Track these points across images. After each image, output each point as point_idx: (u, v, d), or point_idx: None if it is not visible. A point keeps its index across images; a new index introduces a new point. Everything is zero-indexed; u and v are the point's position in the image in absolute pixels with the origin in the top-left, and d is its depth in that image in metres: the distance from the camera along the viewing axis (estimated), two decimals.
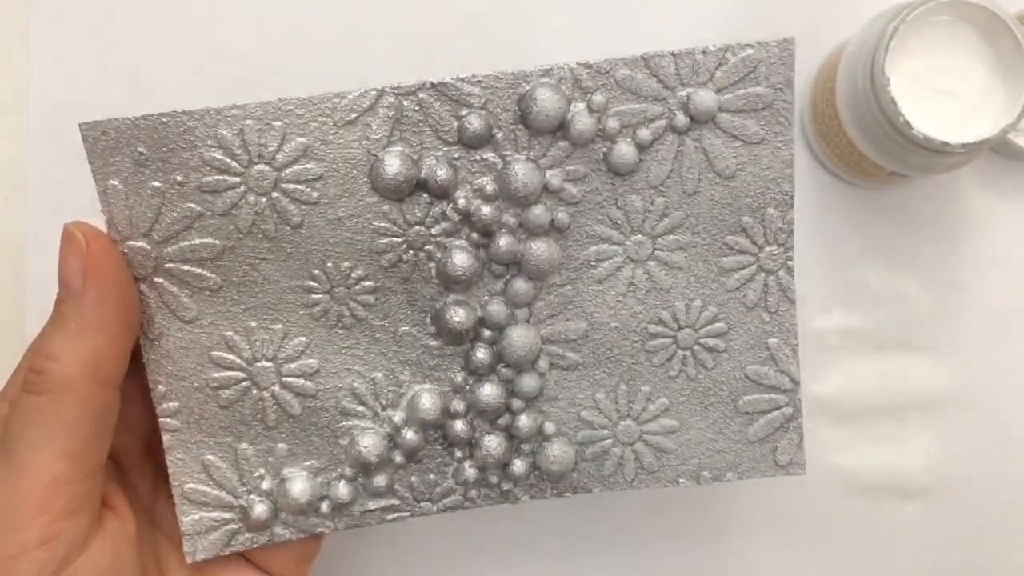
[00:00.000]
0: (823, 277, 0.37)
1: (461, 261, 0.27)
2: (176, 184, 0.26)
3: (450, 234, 0.27)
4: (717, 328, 0.29)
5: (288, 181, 0.26)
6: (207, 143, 0.26)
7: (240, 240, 0.27)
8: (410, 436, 0.29)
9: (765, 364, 0.29)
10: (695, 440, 0.30)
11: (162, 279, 0.27)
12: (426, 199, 0.27)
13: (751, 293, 0.29)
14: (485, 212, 0.27)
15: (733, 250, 0.28)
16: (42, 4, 0.36)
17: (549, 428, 0.29)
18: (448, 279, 0.27)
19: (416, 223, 0.27)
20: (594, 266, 0.28)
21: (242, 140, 0.26)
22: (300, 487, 0.29)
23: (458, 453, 0.29)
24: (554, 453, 0.29)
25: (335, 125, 0.26)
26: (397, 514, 0.29)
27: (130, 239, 0.26)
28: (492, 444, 0.29)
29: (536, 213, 0.27)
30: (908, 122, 0.30)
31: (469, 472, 0.29)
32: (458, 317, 0.28)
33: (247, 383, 0.28)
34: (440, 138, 0.26)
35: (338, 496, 0.29)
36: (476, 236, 0.27)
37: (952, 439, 0.37)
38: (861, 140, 0.33)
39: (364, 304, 0.28)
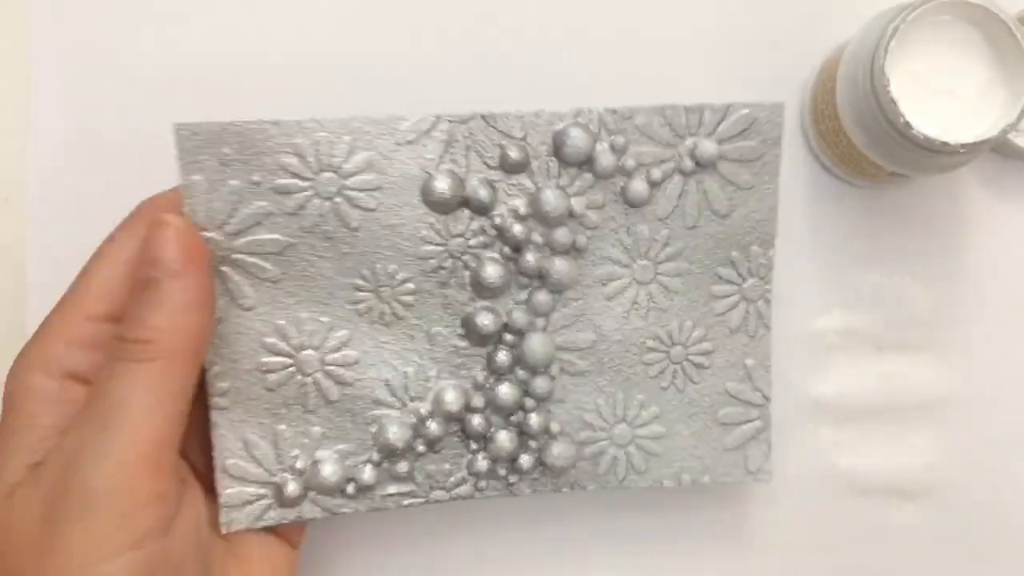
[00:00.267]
0: (823, 277, 0.37)
1: (493, 271, 0.31)
2: (252, 184, 0.29)
3: (485, 247, 0.31)
4: (704, 347, 0.33)
5: (351, 189, 0.30)
6: (284, 150, 0.29)
7: (302, 238, 0.30)
8: (433, 427, 0.32)
9: (742, 382, 0.34)
10: (679, 446, 0.34)
11: (229, 268, 0.30)
12: (467, 214, 0.31)
13: (734, 318, 0.33)
14: (517, 230, 0.31)
15: (722, 280, 0.33)
16: (42, 3, 0.36)
17: (555, 427, 0.33)
18: (480, 287, 0.31)
19: (457, 235, 0.31)
20: (605, 284, 0.32)
21: (315, 150, 0.29)
22: (331, 468, 0.32)
23: (473, 445, 0.32)
24: (558, 450, 0.33)
25: (396, 144, 0.30)
26: (413, 500, 0.32)
27: (205, 230, 0.29)
28: (504, 439, 0.32)
29: (560, 234, 0.31)
30: (908, 122, 0.30)
31: (481, 463, 0.33)
32: (486, 321, 0.31)
33: (292, 369, 0.31)
34: (484, 162, 0.31)
35: (363, 479, 0.32)
36: (507, 250, 0.31)
37: (952, 439, 0.37)
38: (861, 140, 0.33)
39: (404, 304, 0.31)
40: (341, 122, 0.30)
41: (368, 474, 0.32)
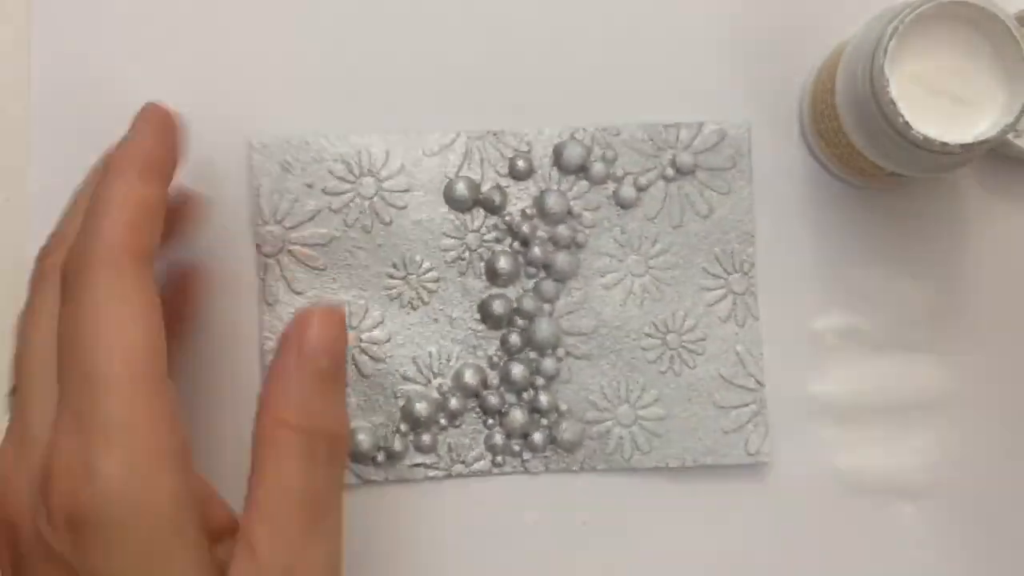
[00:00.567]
0: (822, 277, 0.38)
1: (504, 263, 0.37)
2: (306, 186, 0.36)
3: (497, 241, 0.37)
4: (696, 335, 0.37)
5: (386, 190, 0.36)
6: (333, 159, 0.36)
7: (345, 232, 0.36)
8: (454, 402, 0.36)
9: (735, 367, 0.37)
10: (680, 428, 0.37)
11: (286, 257, 0.36)
12: (483, 213, 0.37)
13: (722, 309, 0.37)
14: (525, 227, 0.37)
15: (709, 274, 0.37)
16: (43, 3, 0.37)
17: (563, 406, 0.37)
18: (494, 276, 0.37)
19: (473, 231, 0.37)
20: (603, 276, 0.37)
21: (358, 159, 0.36)
22: (364, 437, 0.36)
23: (490, 420, 0.37)
24: (566, 424, 0.36)
25: (423, 154, 0.37)
26: (436, 472, 0.36)
27: (268, 224, 0.36)
28: (517, 414, 0.36)
29: (562, 230, 0.37)
30: (908, 123, 0.31)
31: (498, 438, 0.36)
32: (499, 307, 0.37)
33: None
34: (496, 171, 0.37)
35: (392, 448, 0.36)
36: (517, 244, 0.37)
37: (951, 439, 0.37)
38: (861, 141, 0.34)
39: (428, 290, 0.37)
40: (380, 136, 0.37)
41: (397, 443, 0.36)
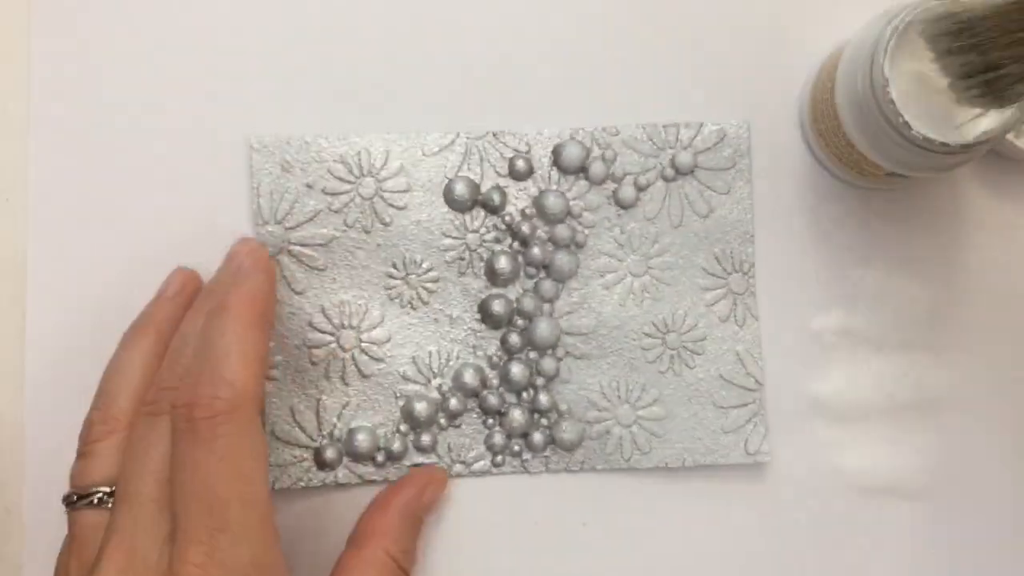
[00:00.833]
0: (822, 277, 0.38)
1: (504, 263, 0.37)
2: (306, 186, 0.36)
3: (497, 241, 0.37)
4: (696, 335, 0.37)
5: (386, 191, 0.36)
6: (333, 158, 0.36)
7: (345, 232, 0.36)
8: (454, 402, 0.36)
9: (734, 367, 0.37)
10: (680, 428, 0.37)
11: (286, 258, 0.36)
12: (482, 214, 0.37)
13: (722, 309, 0.37)
14: (524, 227, 0.37)
15: (708, 273, 0.37)
16: (43, 3, 0.37)
17: (563, 406, 0.37)
18: (493, 276, 0.37)
19: (473, 231, 0.37)
20: (602, 275, 0.37)
21: (357, 159, 0.36)
22: (363, 437, 0.36)
23: (490, 420, 0.37)
24: (566, 425, 0.36)
25: (423, 154, 0.37)
26: None
27: (268, 224, 0.36)
28: (517, 415, 0.36)
29: (561, 230, 0.37)
30: (907, 123, 0.31)
31: (497, 438, 0.36)
32: (499, 307, 0.37)
33: (334, 345, 0.36)
34: (496, 171, 0.37)
35: (393, 448, 0.36)
36: (516, 245, 0.37)
37: (951, 439, 0.38)
38: (860, 140, 0.34)
39: (428, 290, 0.37)
40: (380, 136, 0.37)
41: (397, 444, 0.36)
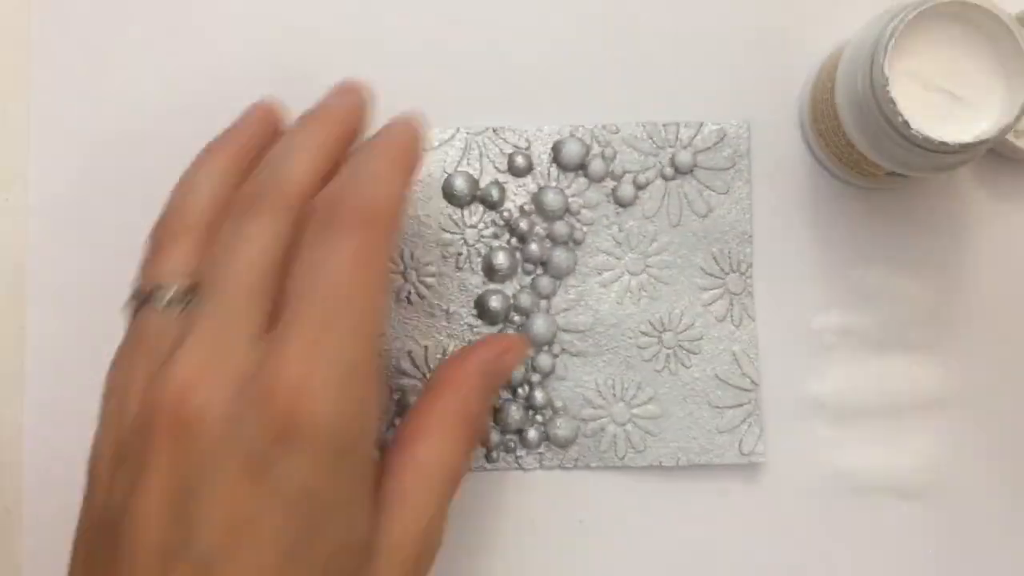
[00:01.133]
0: (821, 277, 0.38)
1: (502, 258, 0.37)
2: None
3: (495, 237, 0.37)
4: (693, 334, 0.37)
5: None
6: None
7: None
8: None
9: (730, 367, 0.37)
10: (675, 427, 0.37)
11: None
12: (481, 209, 0.37)
13: (719, 309, 0.37)
14: (522, 223, 0.37)
15: (706, 273, 0.37)
16: (42, 4, 0.37)
17: (558, 403, 0.37)
18: (491, 271, 0.37)
19: (471, 226, 0.37)
20: (600, 273, 0.37)
21: None
22: None
23: None
24: (561, 421, 0.36)
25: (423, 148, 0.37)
26: None
27: None
28: (513, 411, 0.36)
29: (559, 227, 0.37)
30: (907, 122, 0.31)
31: (493, 434, 0.36)
32: (496, 302, 0.37)
33: None
34: (495, 167, 0.37)
35: (387, 440, 0.36)
36: (514, 240, 0.37)
37: (951, 439, 0.38)
38: (860, 140, 0.34)
39: (427, 285, 0.37)
40: None
41: (391, 437, 0.36)
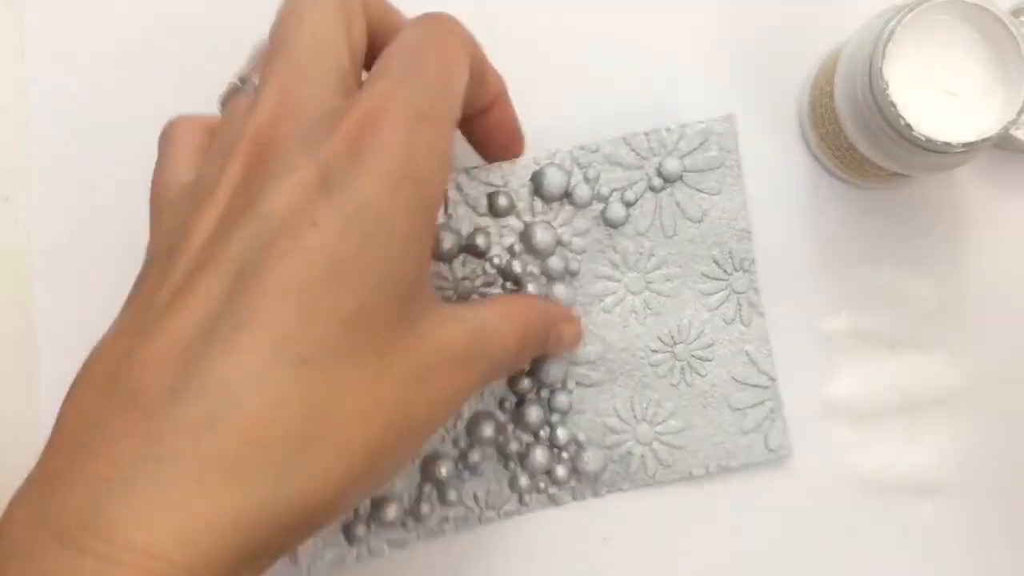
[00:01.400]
0: (830, 279, 0.37)
1: None
2: None
3: (489, 284, 0.35)
4: (704, 341, 0.36)
5: None
6: None
7: None
8: (474, 457, 0.35)
9: (746, 367, 0.37)
10: (699, 436, 0.37)
11: None
12: (470, 259, 0.35)
13: (727, 311, 0.36)
14: (515, 266, 0.35)
15: (709, 278, 0.36)
16: (42, 2, 0.37)
17: (582, 436, 0.36)
18: None
19: (463, 278, 0.35)
20: (602, 299, 0.36)
21: None
22: (391, 507, 0.35)
23: (512, 465, 0.36)
24: (588, 456, 0.36)
25: None
26: (467, 521, 0.36)
27: None
28: (539, 455, 0.36)
29: (553, 262, 0.35)
30: (909, 124, 0.31)
31: (523, 480, 0.36)
32: None
33: None
34: (475, 211, 0.35)
35: (421, 512, 0.35)
36: (510, 284, 0.35)
37: (967, 436, 0.37)
38: (861, 142, 0.34)
39: None
40: None
41: (424, 508, 0.35)
